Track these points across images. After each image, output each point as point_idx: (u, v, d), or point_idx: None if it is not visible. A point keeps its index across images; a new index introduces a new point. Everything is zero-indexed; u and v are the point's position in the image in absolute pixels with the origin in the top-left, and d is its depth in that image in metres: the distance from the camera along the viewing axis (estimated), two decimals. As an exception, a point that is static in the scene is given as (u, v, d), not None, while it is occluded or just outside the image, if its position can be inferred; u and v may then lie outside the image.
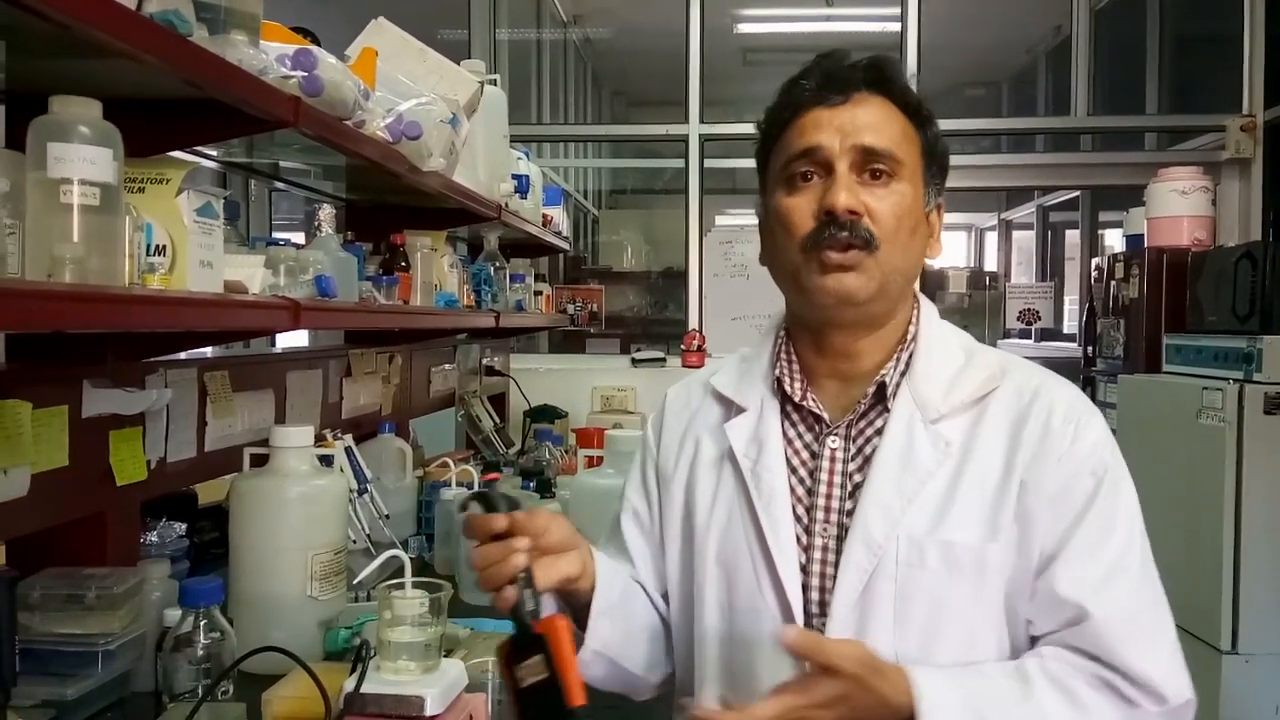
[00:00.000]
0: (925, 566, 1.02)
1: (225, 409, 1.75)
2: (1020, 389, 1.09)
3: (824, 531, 1.07)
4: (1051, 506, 1.03)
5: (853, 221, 1.03)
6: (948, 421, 1.07)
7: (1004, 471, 1.05)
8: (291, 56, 1.29)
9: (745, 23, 6.35)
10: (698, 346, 4.30)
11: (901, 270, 1.07)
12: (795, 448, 1.12)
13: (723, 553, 1.11)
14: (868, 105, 1.07)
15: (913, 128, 1.09)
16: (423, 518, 2.32)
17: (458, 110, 1.94)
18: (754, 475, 1.10)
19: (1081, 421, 1.06)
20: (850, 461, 1.09)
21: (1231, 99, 4.29)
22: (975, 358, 1.12)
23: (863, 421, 1.10)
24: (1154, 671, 0.99)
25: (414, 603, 1.07)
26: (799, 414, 1.13)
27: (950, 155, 1.15)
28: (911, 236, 1.07)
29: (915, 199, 1.08)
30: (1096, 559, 1.02)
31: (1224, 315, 3.34)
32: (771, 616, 1.06)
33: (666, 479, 1.20)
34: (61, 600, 1.29)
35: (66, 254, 0.89)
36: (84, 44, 0.89)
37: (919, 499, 1.04)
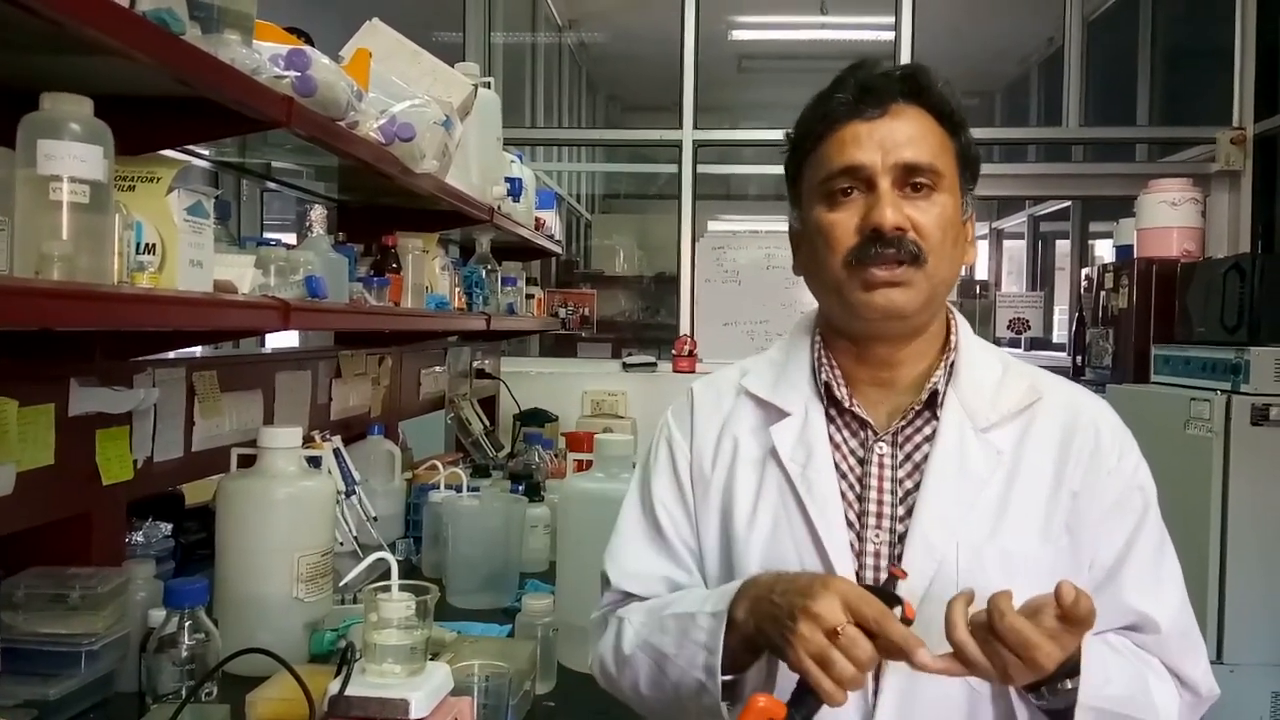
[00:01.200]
0: (985, 573, 1.02)
1: (213, 409, 1.74)
2: (1066, 402, 1.12)
3: (876, 538, 1.07)
4: (1106, 519, 1.08)
5: (899, 237, 1.04)
6: (997, 430, 1.09)
7: (1054, 481, 1.07)
8: (285, 56, 1.29)
9: (740, 29, 6.37)
10: (689, 352, 4.31)
11: (946, 281, 1.09)
12: (843, 453, 1.11)
13: (768, 557, 1.09)
14: (905, 117, 1.06)
15: (948, 136, 1.09)
16: (411, 520, 2.31)
17: (451, 113, 1.94)
18: (804, 480, 1.09)
19: (1125, 440, 1.12)
20: (899, 468, 1.09)
21: (1222, 112, 4.31)
22: (1012, 369, 1.14)
23: (910, 428, 1.10)
24: (1199, 676, 1.09)
25: (400, 605, 1.06)
26: (844, 419, 1.13)
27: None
28: (954, 247, 1.09)
29: (955, 208, 1.08)
30: (1159, 575, 1.09)
31: (1212, 326, 3.36)
32: None
33: (704, 480, 1.17)
34: (46, 600, 1.28)
35: (55, 251, 0.89)
36: (76, 41, 0.89)
37: (975, 507, 1.06)
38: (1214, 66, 4.42)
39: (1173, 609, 1.08)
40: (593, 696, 1.47)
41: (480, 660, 1.23)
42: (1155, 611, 1.06)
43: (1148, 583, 1.08)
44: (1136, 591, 1.07)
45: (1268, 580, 2.99)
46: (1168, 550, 1.11)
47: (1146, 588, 1.07)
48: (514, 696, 1.28)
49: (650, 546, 1.18)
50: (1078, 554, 1.07)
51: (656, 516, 1.18)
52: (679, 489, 1.18)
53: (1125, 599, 1.07)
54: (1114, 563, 1.07)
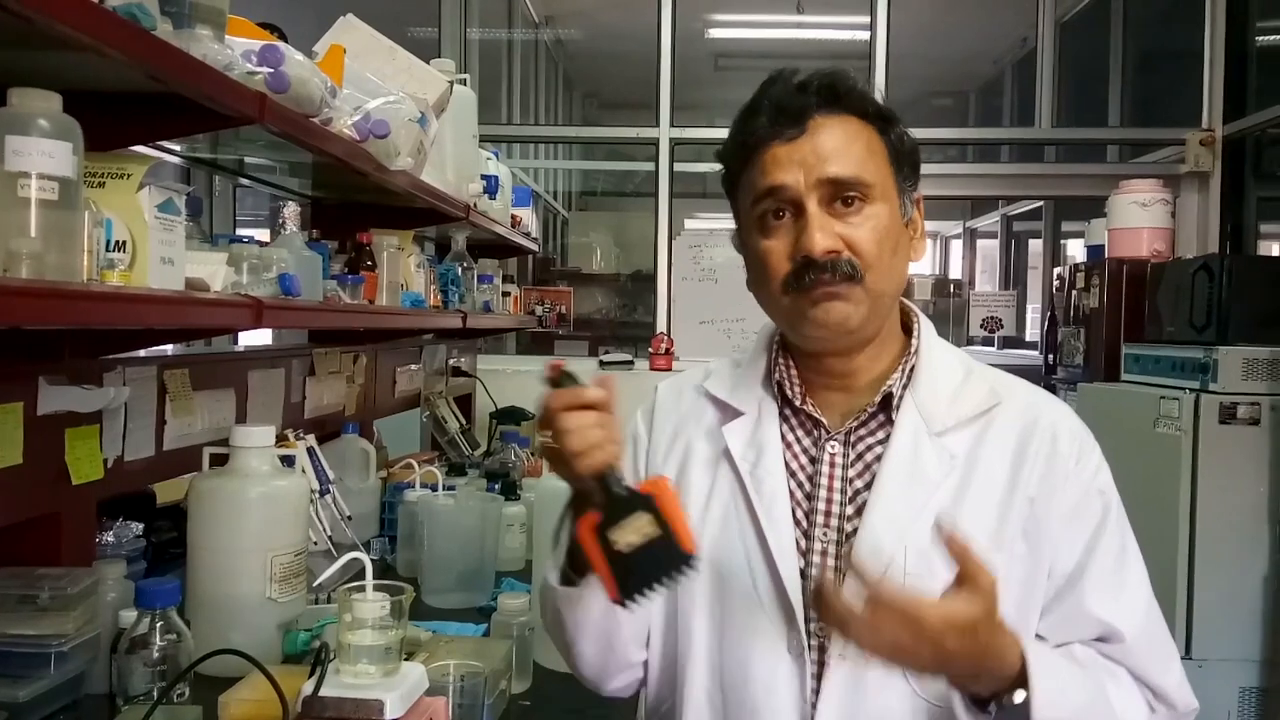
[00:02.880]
0: (934, 577, 1.01)
1: (185, 408, 1.72)
2: (1024, 407, 1.10)
3: (824, 536, 1.07)
4: (1066, 525, 1.06)
5: (833, 260, 1.02)
6: (952, 435, 1.08)
7: (1008, 487, 1.06)
8: (258, 52, 1.27)
9: (717, 28, 6.38)
10: (666, 350, 4.31)
11: (889, 292, 1.07)
12: (794, 451, 1.12)
13: (716, 554, 1.09)
14: (826, 129, 1.04)
15: (877, 137, 1.07)
16: (386, 519, 2.30)
17: (426, 109, 1.93)
18: (753, 478, 1.10)
19: (1085, 444, 1.09)
20: (850, 468, 1.09)
21: (1191, 113, 4.37)
22: (975, 373, 1.13)
23: (863, 429, 1.10)
24: (1171, 686, 1.07)
25: (375, 605, 1.06)
26: (797, 418, 1.13)
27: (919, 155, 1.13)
28: (894, 256, 1.06)
29: (892, 215, 1.06)
30: (1121, 581, 1.06)
31: (1181, 326, 3.41)
32: (769, 618, 1.06)
33: (656, 474, 1.17)
34: (14, 601, 1.27)
35: (23, 249, 0.88)
36: (45, 36, 0.87)
37: (926, 510, 1.05)
38: (1184, 69, 4.48)
39: (1137, 616, 1.06)
40: (569, 696, 1.47)
41: (455, 660, 1.23)
42: (1118, 620, 1.05)
43: (1110, 590, 1.06)
44: (1098, 599, 1.05)
45: (1235, 577, 3.03)
46: (1131, 555, 1.09)
47: (1109, 595, 1.06)
48: (490, 696, 1.27)
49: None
50: (1037, 561, 1.05)
51: None
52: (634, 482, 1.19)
53: (1087, 607, 1.05)
54: (1074, 569, 1.06)
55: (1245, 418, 3.03)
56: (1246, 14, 4.25)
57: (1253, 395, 3.03)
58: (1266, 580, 3.02)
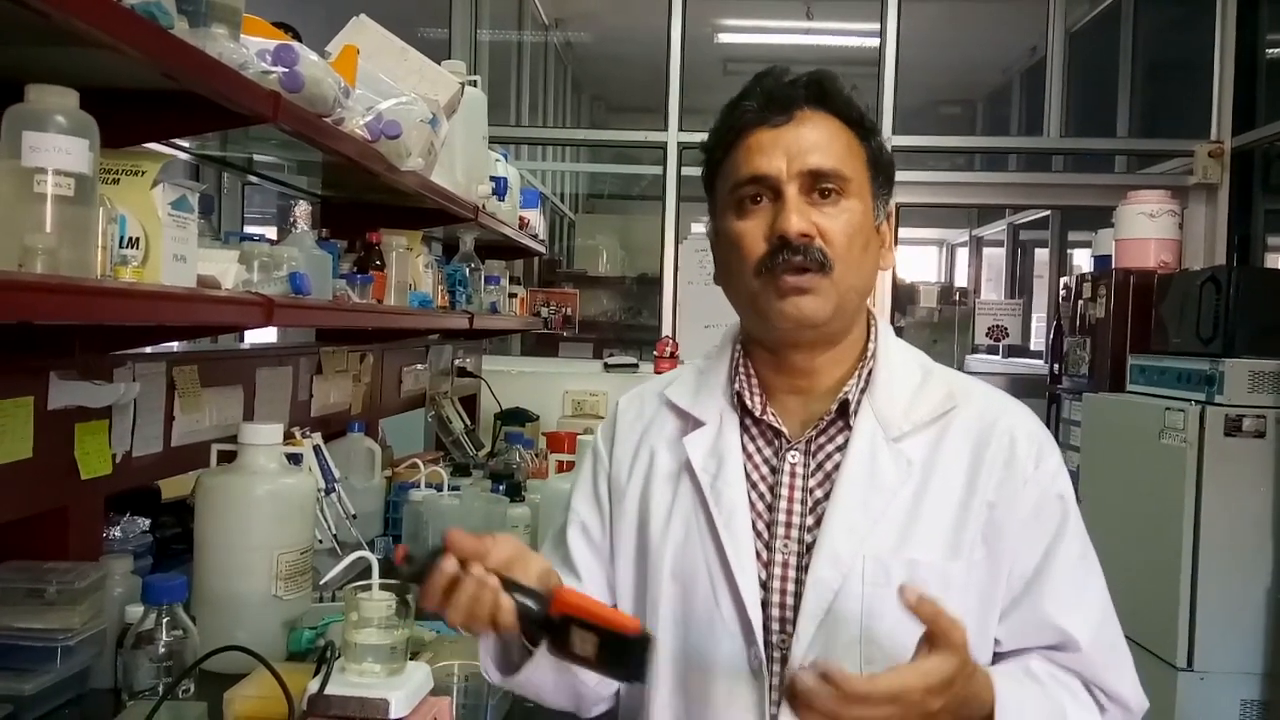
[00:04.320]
0: (891, 586, 1.01)
1: (193, 404, 1.73)
2: (981, 411, 1.10)
3: (785, 548, 1.07)
4: (1025, 529, 1.06)
5: (805, 245, 1.03)
6: (909, 440, 1.08)
7: (966, 491, 1.06)
8: (272, 52, 1.28)
9: (726, 33, 6.39)
10: (670, 353, 4.31)
11: (856, 288, 1.08)
12: (755, 462, 1.11)
13: (679, 568, 1.09)
14: (812, 123, 1.06)
15: (857, 141, 1.08)
16: (390, 518, 2.30)
17: (438, 110, 1.93)
18: (713, 490, 1.09)
19: (1043, 447, 1.09)
20: (810, 477, 1.09)
21: (1200, 125, 4.37)
22: (932, 376, 1.13)
23: (823, 437, 1.10)
24: (1125, 690, 1.08)
25: (381, 604, 1.07)
26: (758, 428, 1.12)
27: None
28: (864, 253, 1.07)
29: (865, 214, 1.07)
30: (1080, 586, 1.07)
31: (1188, 337, 3.40)
32: (729, 633, 1.06)
33: (620, 491, 1.17)
34: (21, 594, 1.27)
35: (38, 244, 0.88)
36: (63, 33, 0.88)
37: (884, 518, 1.05)
38: (1193, 80, 4.47)
39: (1094, 623, 1.07)
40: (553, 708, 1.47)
41: (460, 660, 1.24)
42: (1075, 627, 1.05)
43: (1068, 595, 1.06)
44: (1056, 605, 1.05)
45: (1238, 589, 3.02)
46: (1090, 561, 1.09)
47: (1067, 600, 1.06)
48: (493, 696, 1.28)
49: (552, 557, 1.18)
50: (996, 566, 1.05)
51: (567, 530, 1.19)
52: (597, 503, 1.19)
53: (1045, 612, 1.05)
54: (1033, 575, 1.06)
55: (1251, 430, 3.02)
56: (1256, 26, 4.24)
57: (1259, 408, 3.02)
58: (1269, 593, 3.02)
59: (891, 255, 1.14)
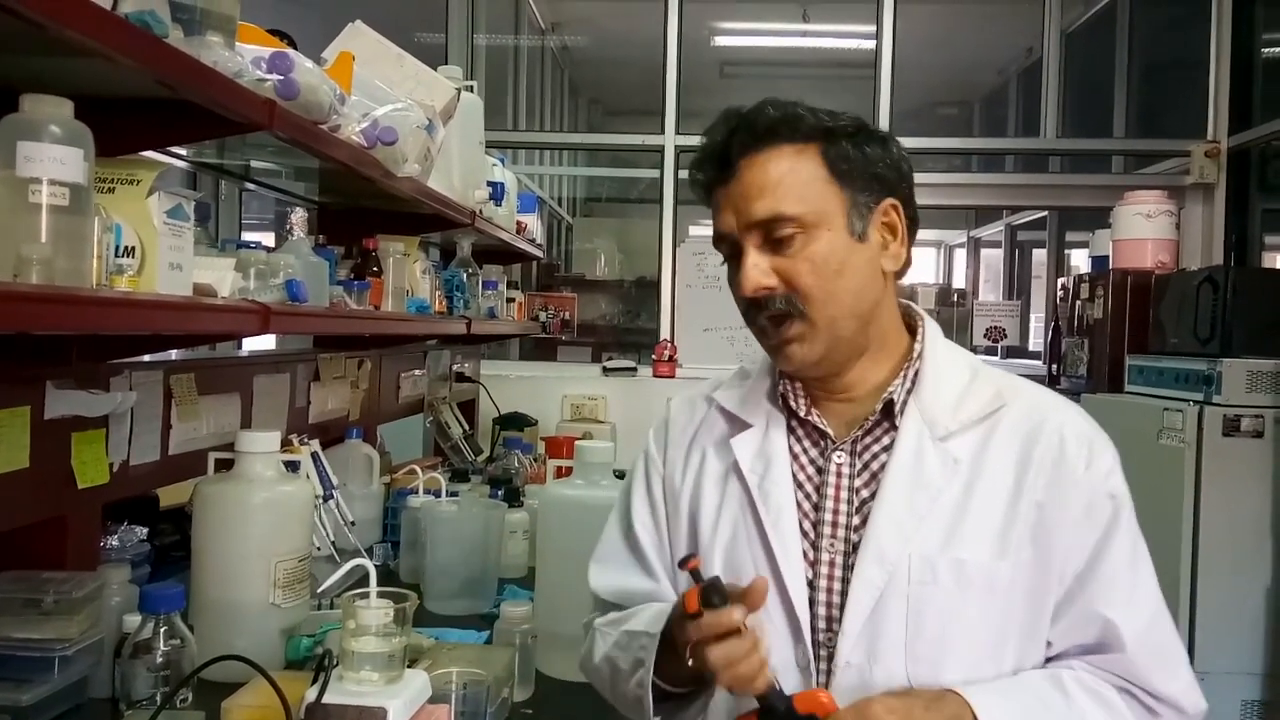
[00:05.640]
0: (938, 584, 1.03)
1: (190, 412, 1.73)
2: (1030, 409, 1.10)
3: (831, 547, 1.08)
4: (1074, 529, 1.05)
5: (768, 298, 1.05)
6: (956, 439, 1.08)
7: (1014, 490, 1.06)
8: (267, 59, 1.28)
9: (723, 35, 6.39)
10: (669, 357, 4.31)
11: (846, 315, 1.07)
12: (801, 463, 1.13)
13: (728, 567, 1.11)
14: (755, 167, 1.05)
15: (813, 161, 1.05)
16: (389, 524, 2.30)
17: (434, 116, 1.93)
18: (761, 490, 1.11)
19: (1095, 446, 1.09)
20: (856, 477, 1.10)
21: (1196, 124, 4.37)
22: (981, 375, 1.13)
23: (869, 438, 1.11)
24: (1177, 692, 1.06)
25: (379, 612, 1.06)
26: (804, 429, 1.14)
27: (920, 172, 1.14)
28: (841, 279, 1.05)
29: (833, 240, 1.05)
30: (1131, 584, 1.06)
31: (1185, 338, 3.40)
32: (777, 631, 1.07)
33: (674, 492, 1.20)
34: (19, 604, 1.27)
35: (34, 254, 0.88)
36: (57, 43, 0.88)
37: (930, 516, 1.05)
38: (1189, 80, 4.48)
39: (1142, 621, 1.06)
40: (571, 704, 1.47)
41: (458, 667, 1.23)
42: (1122, 622, 1.04)
43: (1117, 592, 1.05)
44: (1104, 600, 1.05)
45: (1238, 589, 3.02)
46: (1142, 561, 1.09)
47: (1115, 598, 1.05)
48: (492, 704, 1.27)
49: (626, 561, 1.23)
50: (1046, 567, 1.05)
51: (633, 533, 1.23)
52: (651, 505, 1.23)
53: (1094, 607, 1.05)
54: (1082, 571, 1.05)
55: (1249, 430, 3.02)
56: (1252, 26, 4.25)
57: (1257, 408, 3.02)
58: (1269, 593, 3.01)
59: (901, 250, 1.10)
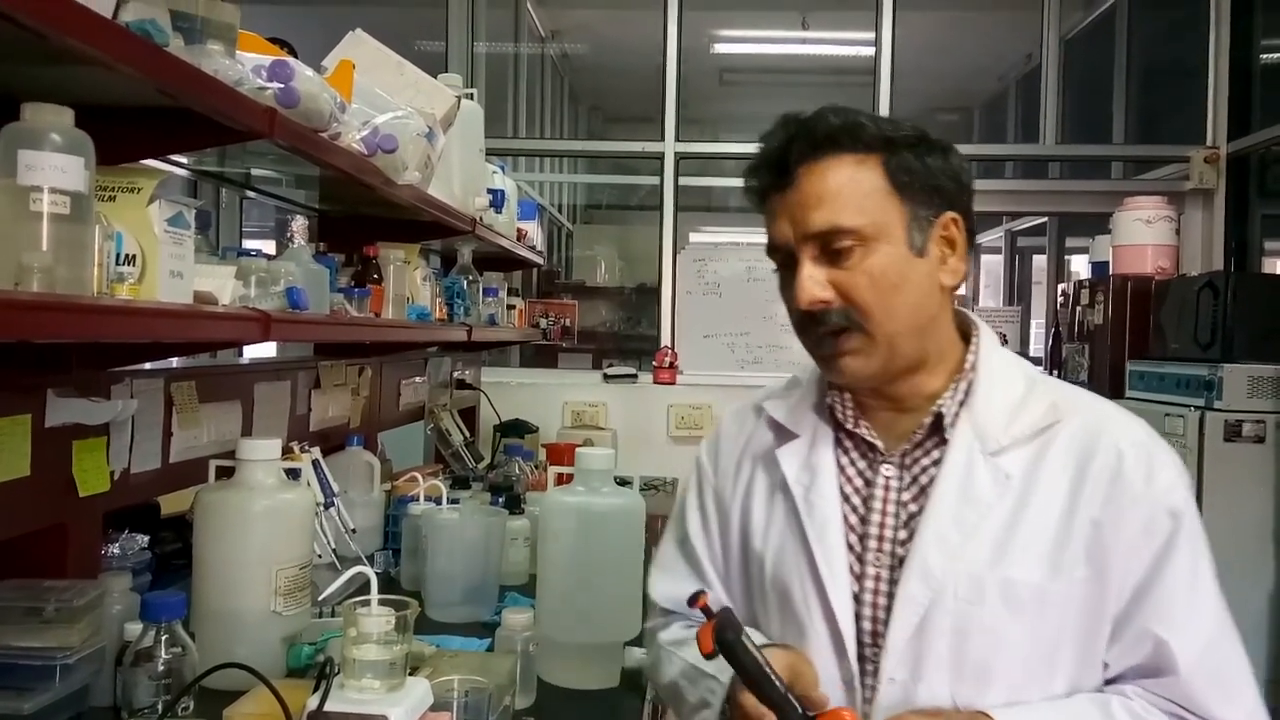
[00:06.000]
0: (984, 603, 1.01)
1: (191, 420, 1.73)
2: (1087, 423, 1.06)
3: (877, 561, 1.06)
4: (1132, 548, 1.01)
5: (824, 311, 1.02)
6: (1009, 454, 1.04)
7: (1068, 507, 1.02)
8: (268, 68, 1.28)
9: (722, 43, 6.40)
10: (669, 363, 4.31)
11: (904, 330, 1.04)
12: (848, 475, 1.11)
13: (776, 578, 1.11)
14: (814, 176, 1.02)
15: (874, 171, 1.02)
16: (390, 532, 2.30)
17: (434, 124, 1.94)
18: (806, 502, 1.10)
19: (1155, 460, 1.04)
20: (905, 491, 1.08)
21: (1196, 130, 4.37)
22: (1038, 387, 1.09)
23: (918, 451, 1.09)
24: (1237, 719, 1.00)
25: (380, 620, 1.06)
26: (852, 441, 1.12)
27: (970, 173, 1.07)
28: (898, 294, 1.02)
29: (892, 254, 1.02)
30: (1187, 603, 1.01)
31: (1186, 343, 3.40)
32: (822, 645, 1.07)
33: (725, 504, 1.21)
34: (20, 613, 1.26)
35: (35, 263, 0.88)
36: (59, 52, 0.88)
37: (979, 533, 1.02)
38: (1188, 86, 4.48)
39: (1199, 644, 1.00)
40: (572, 712, 1.47)
41: (460, 675, 1.23)
42: (1176, 643, 0.99)
43: (1173, 612, 1.00)
44: (1158, 619, 1.00)
45: (1240, 595, 2.98)
46: (1204, 580, 1.02)
47: (1171, 617, 1.00)
48: (493, 712, 1.27)
49: (682, 570, 1.25)
50: (1103, 586, 1.01)
51: (688, 542, 1.24)
52: (704, 516, 1.24)
53: (1147, 626, 1.00)
54: (1138, 590, 1.01)
55: (1250, 435, 3.03)
56: (1251, 32, 4.26)
57: (1258, 413, 3.03)
58: (1271, 598, 3.01)
59: (961, 266, 1.07)
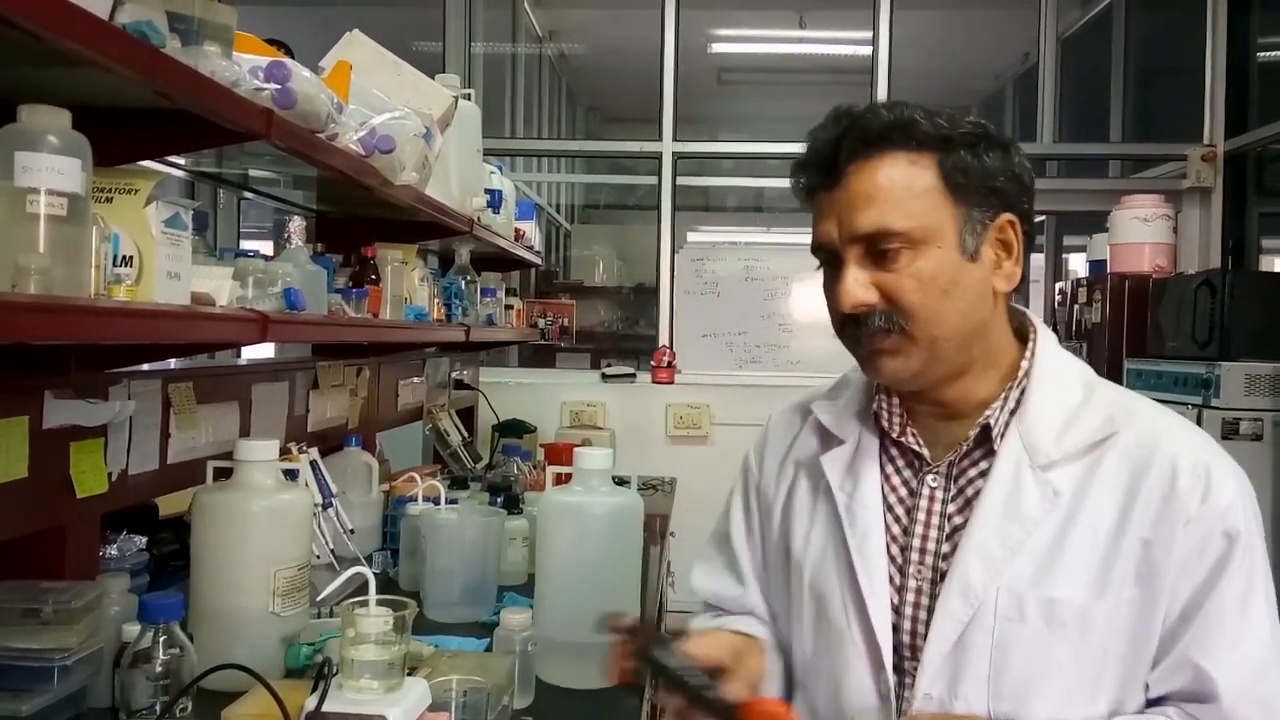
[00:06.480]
0: (1025, 622, 0.98)
1: (189, 421, 1.73)
2: (1143, 436, 1.01)
3: (918, 574, 1.04)
4: (1182, 569, 0.97)
5: (867, 314, 0.99)
6: (1059, 469, 1.00)
7: (1118, 526, 0.98)
8: (265, 69, 1.28)
9: (720, 42, 6.41)
10: (668, 363, 4.32)
11: (950, 336, 1.00)
12: (893, 484, 1.09)
13: (815, 584, 1.10)
14: (860, 177, 0.98)
15: (928, 170, 0.98)
16: (388, 532, 2.30)
17: (431, 124, 1.94)
18: (849, 511, 1.08)
19: (1213, 477, 0.99)
20: (950, 503, 1.05)
21: (1193, 129, 4.38)
22: (1095, 395, 1.04)
23: (965, 461, 1.05)
24: None
25: (378, 620, 1.06)
26: (898, 449, 1.09)
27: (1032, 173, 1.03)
28: (948, 299, 0.98)
29: (942, 258, 0.98)
30: (1234, 629, 0.96)
31: (1184, 341, 3.41)
32: (859, 654, 1.05)
33: (767, 504, 1.20)
34: (18, 614, 1.26)
35: (32, 264, 0.88)
36: (55, 53, 0.88)
37: (1023, 550, 0.99)
38: (1185, 84, 4.49)
39: (1245, 672, 0.94)
40: (571, 711, 1.47)
41: (458, 675, 1.23)
42: (1218, 672, 0.94)
43: (1219, 637, 0.95)
44: (1201, 645, 0.95)
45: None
46: (1258, 605, 0.96)
47: (1215, 643, 0.95)
48: (492, 711, 1.27)
49: (720, 566, 1.26)
50: (1152, 608, 0.97)
51: (730, 540, 1.25)
52: (747, 514, 1.24)
53: (1187, 652, 0.96)
54: (1185, 610, 0.96)
55: (1248, 433, 3.03)
56: (1248, 30, 4.27)
57: (1255, 411, 3.03)
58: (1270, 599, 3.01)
59: (1016, 271, 1.03)
